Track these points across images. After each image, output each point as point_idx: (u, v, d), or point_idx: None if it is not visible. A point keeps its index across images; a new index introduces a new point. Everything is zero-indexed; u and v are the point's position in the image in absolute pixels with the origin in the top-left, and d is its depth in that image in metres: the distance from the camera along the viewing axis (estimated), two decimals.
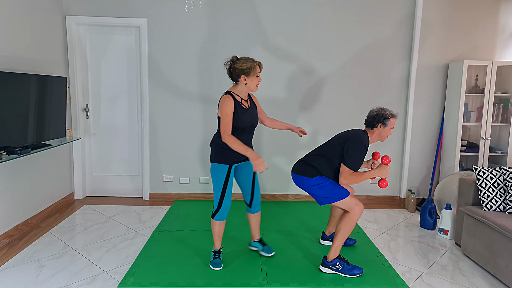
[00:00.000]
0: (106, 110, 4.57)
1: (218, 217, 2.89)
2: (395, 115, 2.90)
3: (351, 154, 2.77)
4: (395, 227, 3.94)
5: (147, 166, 4.57)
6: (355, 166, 2.78)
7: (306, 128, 4.51)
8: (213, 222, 2.92)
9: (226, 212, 2.89)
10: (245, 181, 2.99)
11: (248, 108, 2.84)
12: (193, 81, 4.44)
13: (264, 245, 3.18)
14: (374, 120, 2.88)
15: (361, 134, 2.85)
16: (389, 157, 2.87)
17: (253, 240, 3.22)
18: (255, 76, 2.77)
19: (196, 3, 4.21)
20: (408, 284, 2.80)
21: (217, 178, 2.83)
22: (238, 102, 2.77)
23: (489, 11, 4.39)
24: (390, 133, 2.92)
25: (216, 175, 2.83)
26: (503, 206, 3.13)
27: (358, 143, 2.78)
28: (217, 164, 2.82)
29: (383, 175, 2.82)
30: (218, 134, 2.86)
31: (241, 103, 2.79)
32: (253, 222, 3.13)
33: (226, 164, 2.81)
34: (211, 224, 2.99)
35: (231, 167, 2.83)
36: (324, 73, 4.43)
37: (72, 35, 4.34)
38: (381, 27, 4.39)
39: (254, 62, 2.76)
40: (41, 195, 3.92)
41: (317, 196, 2.89)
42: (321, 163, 2.87)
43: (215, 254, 3.00)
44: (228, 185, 2.84)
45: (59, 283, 2.71)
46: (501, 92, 4.38)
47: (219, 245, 3.01)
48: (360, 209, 2.81)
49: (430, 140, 4.59)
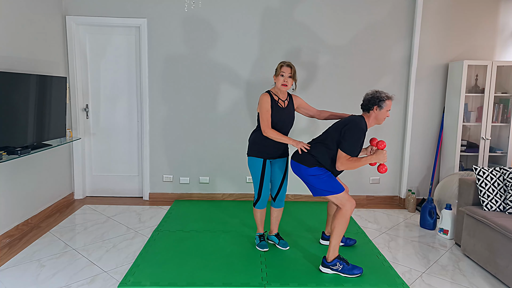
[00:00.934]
0: (106, 110, 4.57)
1: (259, 206, 3.23)
2: (391, 97, 2.88)
3: (348, 139, 2.75)
4: (395, 227, 3.94)
5: (147, 166, 4.57)
6: (352, 151, 2.76)
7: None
8: (255, 210, 3.28)
9: (266, 201, 3.21)
10: (276, 176, 3.19)
11: (284, 107, 3.08)
12: (193, 81, 4.44)
13: (281, 239, 3.34)
14: (369, 103, 2.87)
15: (358, 119, 2.84)
16: (384, 142, 2.88)
17: (271, 234, 3.40)
18: (280, 75, 3.00)
19: (196, 3, 4.21)
20: (408, 284, 2.80)
21: (254, 171, 3.14)
22: (275, 100, 3.04)
23: (489, 11, 4.39)
24: (387, 116, 2.90)
25: (253, 168, 3.14)
26: (503, 206, 3.13)
27: (355, 128, 2.76)
28: (253, 157, 3.12)
29: (380, 160, 2.81)
30: (257, 129, 3.14)
31: (278, 102, 3.05)
32: (274, 216, 3.32)
33: (261, 158, 3.08)
34: (253, 212, 3.56)
35: (266, 161, 3.10)
36: (323, 72, 4.44)
37: (72, 35, 4.34)
38: (381, 27, 4.39)
39: (280, 63, 3.04)
40: (41, 195, 3.92)
41: (312, 186, 2.90)
42: (321, 151, 2.87)
43: (260, 238, 3.34)
44: (265, 177, 3.13)
45: (59, 283, 2.71)
46: (501, 92, 4.38)
47: (262, 229, 3.36)
48: (352, 205, 2.82)
49: (430, 140, 4.59)
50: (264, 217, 3.34)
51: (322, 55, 4.41)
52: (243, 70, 4.41)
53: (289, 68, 3.00)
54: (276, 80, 3.02)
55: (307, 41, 4.38)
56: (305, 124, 4.51)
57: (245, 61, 4.40)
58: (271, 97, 3.04)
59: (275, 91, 3.09)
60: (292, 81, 3.03)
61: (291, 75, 3.00)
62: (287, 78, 2.99)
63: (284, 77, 2.99)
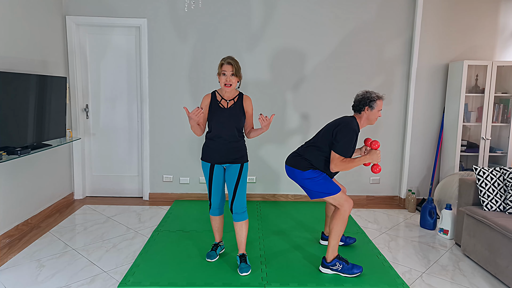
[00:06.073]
0: (106, 110, 4.57)
1: (211, 212, 3.05)
2: (381, 96, 2.87)
3: (340, 140, 2.75)
4: (395, 227, 3.94)
5: (147, 166, 4.57)
6: (345, 152, 2.75)
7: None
8: (210, 217, 3.15)
9: (217, 208, 3.00)
10: (229, 183, 2.87)
11: (226, 108, 2.82)
12: (193, 81, 4.44)
13: (243, 261, 2.93)
14: (360, 103, 2.87)
15: (349, 119, 2.84)
16: (378, 142, 2.87)
17: (239, 253, 3.02)
18: (222, 74, 2.76)
19: (196, 3, 4.21)
20: (408, 284, 2.80)
21: (205, 176, 2.96)
22: (216, 100, 2.84)
23: (489, 11, 4.38)
24: (379, 115, 2.90)
25: (204, 172, 2.96)
26: (503, 206, 3.13)
27: (346, 129, 2.76)
28: (202, 161, 2.95)
29: (374, 160, 2.80)
30: (207, 132, 2.94)
31: (220, 102, 2.84)
32: (236, 231, 2.91)
33: (208, 162, 2.89)
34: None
35: (214, 166, 2.88)
36: (323, 71, 4.44)
37: (72, 35, 4.34)
38: (382, 27, 4.39)
39: (221, 60, 2.78)
40: (41, 195, 3.92)
41: (308, 189, 2.89)
42: (314, 154, 2.86)
43: (212, 247, 3.16)
44: (214, 183, 2.91)
45: (59, 283, 2.71)
46: (501, 92, 4.38)
47: (217, 238, 3.16)
48: (350, 205, 2.81)
49: (430, 140, 4.59)
50: (220, 225, 3.08)
51: (321, 55, 4.40)
52: (242, 70, 4.41)
53: (230, 65, 2.72)
54: (219, 79, 2.77)
55: (305, 41, 4.38)
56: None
57: (245, 61, 4.40)
58: (214, 97, 2.84)
59: (220, 90, 2.87)
60: (236, 79, 2.76)
61: (233, 72, 2.73)
62: (230, 77, 2.73)
63: (226, 76, 2.73)
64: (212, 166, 2.88)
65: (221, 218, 3.09)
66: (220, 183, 2.92)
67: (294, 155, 2.96)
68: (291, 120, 4.51)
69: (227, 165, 2.89)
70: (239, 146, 2.86)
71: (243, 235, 2.91)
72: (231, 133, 2.82)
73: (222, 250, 3.21)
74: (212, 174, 2.89)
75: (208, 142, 2.88)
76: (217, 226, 3.10)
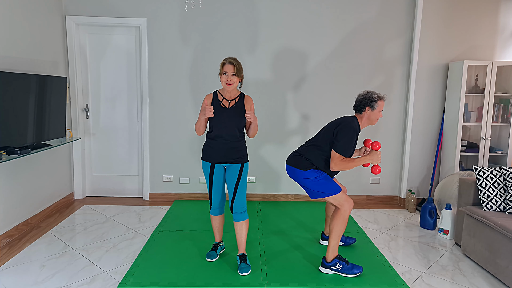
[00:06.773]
0: (106, 110, 4.57)
1: (212, 212, 3.06)
2: (383, 97, 2.88)
3: (341, 139, 2.75)
4: (395, 227, 3.94)
5: (147, 166, 4.57)
6: (345, 151, 2.75)
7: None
8: (210, 216, 3.11)
9: (218, 208, 3.02)
10: (229, 183, 2.89)
11: (227, 108, 2.84)
12: (193, 81, 4.44)
13: (243, 262, 2.94)
14: (361, 104, 2.87)
15: (350, 119, 2.84)
16: (379, 143, 2.86)
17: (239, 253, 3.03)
18: (223, 74, 2.79)
19: (196, 3, 4.21)
20: (408, 284, 2.80)
21: (205, 175, 2.97)
22: (218, 100, 2.86)
23: (489, 11, 4.38)
24: (380, 116, 2.90)
25: (204, 171, 2.97)
26: (503, 206, 3.13)
27: (347, 128, 2.76)
28: (203, 161, 2.96)
29: (374, 161, 2.80)
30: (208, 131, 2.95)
31: (221, 102, 2.86)
32: (236, 231, 2.93)
33: (209, 162, 2.91)
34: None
35: (214, 166, 2.90)
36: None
37: (72, 35, 4.34)
38: (382, 27, 4.39)
39: (223, 60, 2.83)
40: (41, 195, 3.92)
41: (309, 189, 2.89)
42: (314, 154, 2.86)
43: (212, 247, 3.16)
44: (214, 182, 2.93)
45: (59, 283, 2.71)
46: (501, 92, 4.38)
47: (217, 238, 3.17)
48: (350, 205, 2.81)
49: (430, 140, 4.59)
50: (220, 225, 3.10)
51: (321, 55, 4.40)
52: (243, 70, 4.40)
53: (231, 65, 2.75)
54: (221, 79, 2.80)
55: (306, 41, 4.38)
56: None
57: (245, 61, 4.40)
58: (215, 96, 2.87)
59: (222, 90, 2.90)
60: (237, 79, 2.79)
61: (235, 72, 2.76)
62: (231, 77, 2.76)
63: (227, 75, 2.76)
64: (213, 165, 2.90)
65: (222, 217, 3.10)
66: (220, 183, 2.94)
67: (295, 155, 2.97)
68: (292, 120, 4.51)
69: (227, 165, 2.90)
70: (239, 146, 2.88)
71: (243, 235, 2.93)
72: (232, 133, 2.84)
73: (222, 250, 3.21)
74: (213, 173, 2.91)
75: (209, 141, 2.90)
76: (217, 225, 3.11)
